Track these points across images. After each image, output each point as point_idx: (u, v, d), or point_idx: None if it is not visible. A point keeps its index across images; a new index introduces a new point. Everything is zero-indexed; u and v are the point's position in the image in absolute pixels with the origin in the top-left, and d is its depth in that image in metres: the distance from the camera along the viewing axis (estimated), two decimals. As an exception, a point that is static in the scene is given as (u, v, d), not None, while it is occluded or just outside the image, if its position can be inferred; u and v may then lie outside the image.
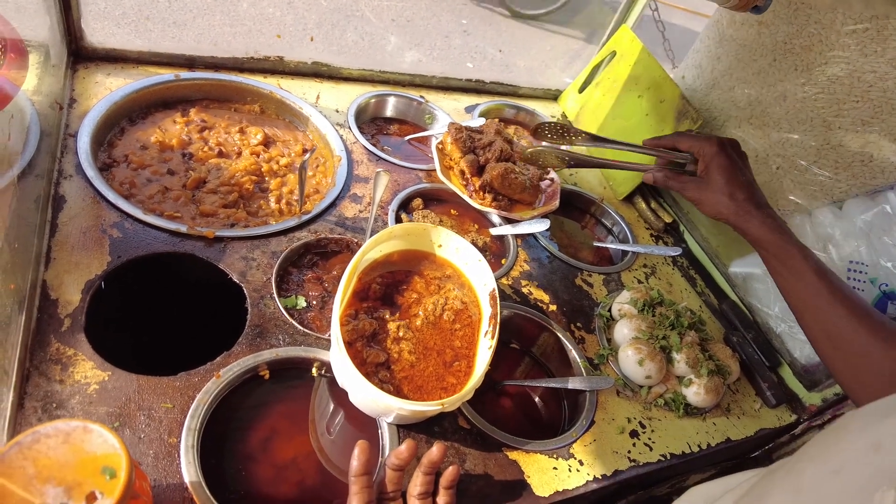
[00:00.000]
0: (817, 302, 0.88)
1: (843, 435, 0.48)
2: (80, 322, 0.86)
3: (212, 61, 1.40)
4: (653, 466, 1.05)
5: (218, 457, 0.83)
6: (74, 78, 1.23)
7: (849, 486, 0.41)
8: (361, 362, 0.90)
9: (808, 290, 0.89)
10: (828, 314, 0.87)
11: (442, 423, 0.96)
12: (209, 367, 0.89)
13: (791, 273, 0.91)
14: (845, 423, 0.49)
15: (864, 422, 0.47)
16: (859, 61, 1.21)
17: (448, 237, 1.05)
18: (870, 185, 1.25)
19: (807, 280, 0.89)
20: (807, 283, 0.89)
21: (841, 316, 0.85)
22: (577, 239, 1.53)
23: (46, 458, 0.57)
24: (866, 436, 0.44)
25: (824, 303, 0.87)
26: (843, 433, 0.48)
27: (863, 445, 0.44)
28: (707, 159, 0.99)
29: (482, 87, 1.83)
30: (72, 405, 0.78)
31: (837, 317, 0.86)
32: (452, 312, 1.01)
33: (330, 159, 1.36)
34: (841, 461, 0.44)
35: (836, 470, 0.44)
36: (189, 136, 1.27)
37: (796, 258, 0.90)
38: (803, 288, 0.90)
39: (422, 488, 0.77)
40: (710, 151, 0.99)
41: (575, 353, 1.17)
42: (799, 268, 0.90)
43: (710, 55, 1.57)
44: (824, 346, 0.89)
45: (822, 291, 0.87)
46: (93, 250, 0.96)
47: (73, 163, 1.07)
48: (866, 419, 0.47)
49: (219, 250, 1.04)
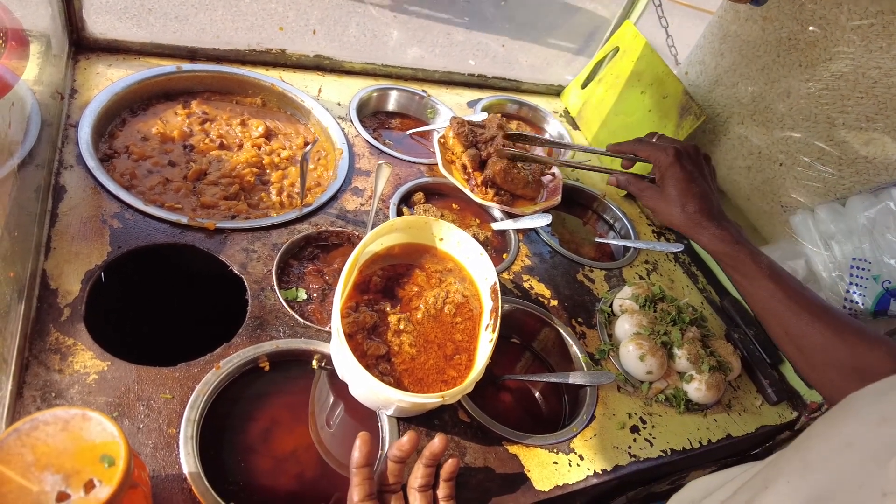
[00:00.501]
0: (773, 304, 0.92)
1: (849, 413, 0.50)
2: (79, 312, 0.86)
3: (214, 53, 1.40)
4: (653, 462, 1.04)
5: (217, 448, 0.83)
6: (76, 68, 1.23)
7: (860, 458, 0.43)
8: (362, 354, 0.90)
9: (763, 293, 0.94)
10: (785, 314, 0.91)
11: (442, 417, 0.96)
12: (209, 359, 0.88)
13: (746, 279, 0.96)
14: (849, 402, 0.51)
15: (869, 399, 0.49)
16: (864, 57, 1.20)
17: (449, 230, 1.05)
18: (873, 182, 1.24)
19: (761, 284, 0.93)
20: (762, 287, 0.93)
21: (797, 314, 0.90)
22: (579, 235, 1.53)
23: (45, 446, 0.56)
24: (873, 411, 0.47)
25: (781, 305, 0.92)
26: (849, 411, 0.50)
27: (871, 420, 0.46)
28: (662, 169, 1.01)
29: (484, 82, 1.82)
30: (71, 395, 0.78)
31: (794, 316, 0.90)
32: (453, 306, 1.01)
33: (331, 152, 1.35)
34: (850, 436, 0.46)
35: (846, 444, 0.45)
36: (190, 127, 1.26)
37: (749, 265, 0.94)
38: (759, 292, 0.94)
39: (422, 480, 0.77)
40: (665, 162, 1.01)
41: (576, 348, 1.16)
42: (753, 273, 0.94)
43: (714, 51, 1.57)
44: (786, 345, 0.93)
45: (777, 294, 0.92)
46: (93, 240, 0.95)
47: (74, 153, 1.06)
48: (870, 397, 0.50)
49: (219, 242, 1.04)
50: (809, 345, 0.89)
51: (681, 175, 0.99)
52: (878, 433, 0.44)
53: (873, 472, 0.41)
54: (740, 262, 0.95)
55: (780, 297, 0.91)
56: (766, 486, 0.49)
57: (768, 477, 0.50)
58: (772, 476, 0.50)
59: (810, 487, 0.45)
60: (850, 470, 0.43)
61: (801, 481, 0.46)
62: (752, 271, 0.94)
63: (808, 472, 0.47)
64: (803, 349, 0.90)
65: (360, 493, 0.72)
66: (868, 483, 0.41)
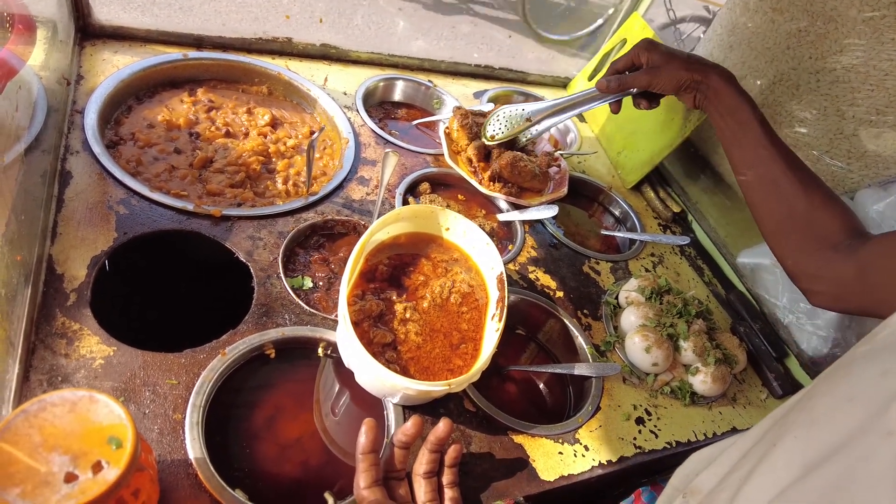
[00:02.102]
0: (761, 152, 0.95)
1: (849, 369, 0.52)
2: (85, 297, 0.86)
3: (220, 41, 1.39)
4: (658, 454, 1.04)
5: (223, 434, 0.83)
6: (82, 54, 1.22)
7: (865, 409, 0.45)
8: (368, 342, 0.90)
9: (751, 139, 0.97)
10: (769, 165, 0.94)
11: (447, 406, 0.96)
12: (215, 345, 0.88)
13: (738, 124, 0.99)
14: (848, 360, 0.53)
15: (868, 356, 0.51)
16: (875, 49, 1.19)
17: (456, 220, 1.05)
18: (883, 176, 1.23)
19: (752, 131, 0.97)
20: (755, 136, 0.96)
21: (775, 161, 0.93)
22: (585, 227, 1.52)
23: (52, 427, 0.56)
24: (873, 365, 0.49)
25: (767, 153, 0.94)
26: (850, 368, 0.52)
27: (871, 374, 0.48)
28: (646, 53, 1.09)
29: (491, 72, 1.81)
30: (77, 379, 0.78)
31: (772, 162, 0.94)
32: (459, 295, 1.01)
33: (337, 142, 1.35)
34: (852, 390, 0.48)
35: (850, 398, 0.47)
36: (196, 115, 1.26)
37: (745, 111, 0.98)
38: (747, 137, 0.98)
39: (427, 467, 0.77)
40: (643, 46, 1.10)
41: (581, 339, 1.16)
42: (746, 120, 0.98)
43: (722, 44, 1.55)
44: (754, 194, 0.97)
45: (764, 141, 0.95)
46: (99, 226, 0.95)
47: (80, 139, 1.06)
48: (869, 353, 0.52)
49: (225, 229, 1.03)
50: (776, 201, 0.93)
51: (666, 48, 1.09)
52: (879, 385, 0.46)
53: (877, 419, 0.43)
54: (739, 107, 0.99)
55: (765, 153, 0.95)
56: (775, 443, 0.50)
57: (776, 435, 0.52)
58: (779, 434, 0.51)
59: (818, 441, 0.46)
60: (856, 421, 0.45)
61: (809, 436, 0.48)
62: (745, 117, 0.98)
63: (814, 426, 0.48)
64: (770, 199, 0.94)
65: (366, 480, 0.72)
66: (873, 429, 0.43)
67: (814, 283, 0.90)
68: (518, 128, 1.28)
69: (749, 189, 0.98)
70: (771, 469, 0.48)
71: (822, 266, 0.87)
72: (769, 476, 0.48)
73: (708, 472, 0.62)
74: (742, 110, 0.98)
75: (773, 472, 0.48)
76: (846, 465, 0.42)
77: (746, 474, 0.51)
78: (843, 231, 0.87)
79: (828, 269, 0.86)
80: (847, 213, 0.89)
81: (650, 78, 1.08)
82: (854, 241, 0.85)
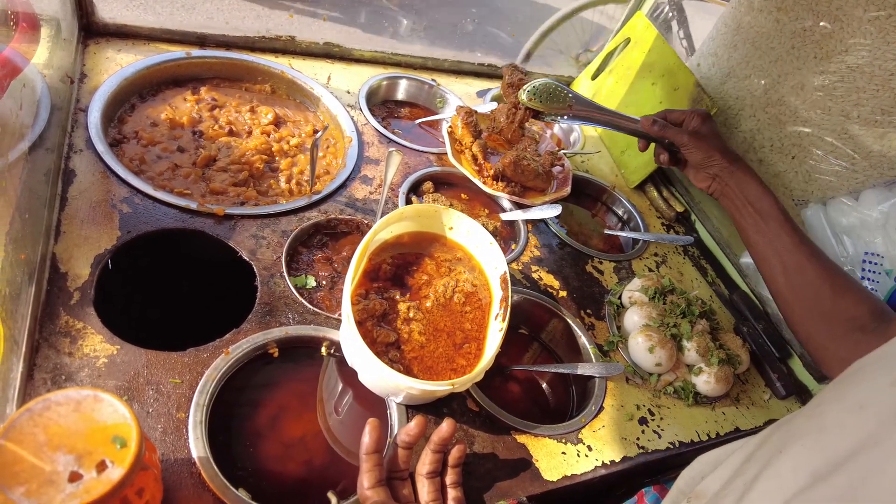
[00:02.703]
0: (783, 240, 0.97)
1: (859, 377, 0.51)
2: (89, 296, 0.86)
3: (223, 40, 1.39)
4: (661, 454, 1.04)
5: (226, 433, 0.83)
6: (85, 53, 1.22)
7: (875, 419, 0.45)
8: (371, 341, 0.89)
9: (773, 227, 0.98)
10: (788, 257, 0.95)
11: (451, 405, 0.96)
12: (218, 344, 0.88)
13: (760, 213, 1.00)
14: (858, 367, 0.53)
15: (879, 364, 0.51)
16: (881, 49, 1.18)
17: (459, 219, 1.04)
18: (887, 176, 1.23)
19: (775, 219, 0.98)
20: (774, 227, 0.98)
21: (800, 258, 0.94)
22: (588, 226, 1.52)
23: (57, 426, 0.56)
24: (884, 374, 0.48)
25: (789, 240, 0.96)
26: (860, 376, 0.51)
27: (882, 383, 0.47)
28: (699, 119, 1.10)
29: (494, 71, 1.81)
30: (80, 378, 0.78)
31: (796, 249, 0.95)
32: (463, 295, 1.00)
33: (340, 140, 1.35)
34: (863, 399, 0.47)
35: (859, 406, 0.47)
36: (199, 114, 1.26)
37: (770, 205, 1.00)
38: (769, 226, 0.99)
39: (430, 467, 0.77)
40: (701, 114, 1.11)
41: (585, 339, 1.16)
42: (768, 208, 1.00)
43: (727, 43, 1.55)
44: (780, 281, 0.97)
45: (787, 228, 0.97)
46: (102, 225, 0.95)
47: (84, 137, 1.06)
48: (880, 362, 0.51)
49: (229, 228, 1.03)
50: (802, 288, 0.93)
51: (714, 126, 1.11)
52: (890, 394, 0.45)
53: (889, 429, 0.43)
54: (763, 197, 1.00)
55: (788, 240, 0.96)
56: (781, 450, 0.50)
57: (782, 441, 0.51)
58: (786, 441, 0.50)
59: (828, 450, 0.46)
60: (867, 431, 0.44)
61: (818, 444, 0.47)
62: (769, 211, 0.99)
63: (823, 435, 0.48)
64: (796, 291, 0.94)
65: (370, 480, 0.72)
66: (884, 439, 0.42)
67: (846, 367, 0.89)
68: (555, 107, 1.20)
69: (774, 277, 0.98)
70: (777, 475, 0.48)
71: (852, 349, 0.86)
72: (775, 482, 0.47)
73: (713, 476, 0.61)
74: (765, 200, 1.00)
75: (778, 478, 0.47)
76: (857, 475, 0.42)
77: (751, 479, 0.50)
78: (870, 314, 0.86)
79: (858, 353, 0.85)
80: (872, 297, 0.89)
81: (690, 140, 1.09)
82: (881, 325, 0.85)
